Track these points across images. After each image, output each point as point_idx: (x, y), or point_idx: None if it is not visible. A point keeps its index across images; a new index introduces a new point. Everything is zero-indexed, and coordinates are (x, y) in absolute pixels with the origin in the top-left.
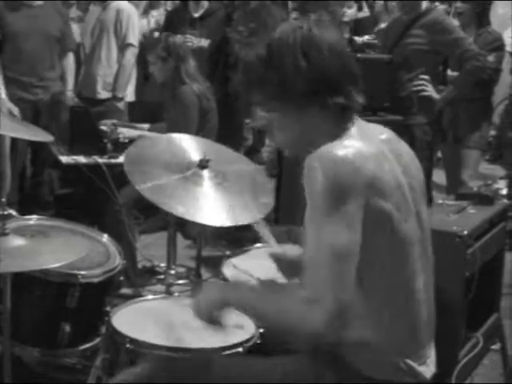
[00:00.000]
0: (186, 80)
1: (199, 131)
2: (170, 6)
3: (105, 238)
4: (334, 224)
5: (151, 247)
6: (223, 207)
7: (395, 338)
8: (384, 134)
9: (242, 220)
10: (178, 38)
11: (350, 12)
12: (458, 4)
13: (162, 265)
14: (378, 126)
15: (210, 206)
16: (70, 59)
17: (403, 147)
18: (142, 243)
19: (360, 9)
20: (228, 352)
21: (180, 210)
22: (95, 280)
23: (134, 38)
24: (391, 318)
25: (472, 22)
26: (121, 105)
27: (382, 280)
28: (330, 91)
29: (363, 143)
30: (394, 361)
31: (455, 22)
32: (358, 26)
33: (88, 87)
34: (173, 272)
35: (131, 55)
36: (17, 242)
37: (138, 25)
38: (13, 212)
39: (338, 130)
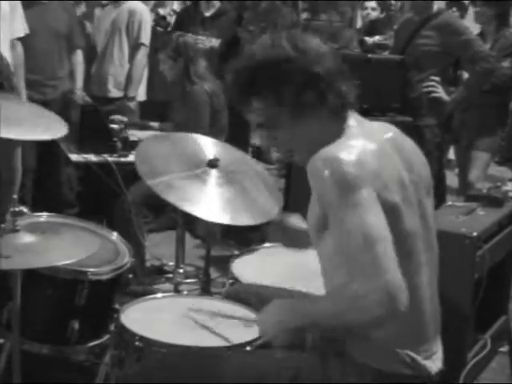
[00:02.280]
0: (195, 80)
1: (210, 130)
2: (177, 5)
3: (114, 235)
4: (353, 212)
5: (160, 246)
6: (229, 206)
7: (397, 331)
8: (389, 132)
9: (247, 221)
10: (189, 38)
11: (374, 14)
12: (478, 9)
13: (171, 264)
14: (383, 125)
15: (217, 205)
16: (79, 57)
17: (408, 145)
18: (151, 242)
19: (383, 10)
20: (237, 350)
21: (186, 206)
22: (104, 277)
23: (146, 38)
24: None
25: (491, 25)
26: (132, 104)
27: None
28: (321, 92)
29: (364, 141)
30: (397, 352)
31: (466, 24)
32: (373, 27)
33: (99, 86)
34: (181, 271)
35: (143, 55)
36: (27, 238)
37: (150, 25)
38: (24, 209)
39: (338, 130)
